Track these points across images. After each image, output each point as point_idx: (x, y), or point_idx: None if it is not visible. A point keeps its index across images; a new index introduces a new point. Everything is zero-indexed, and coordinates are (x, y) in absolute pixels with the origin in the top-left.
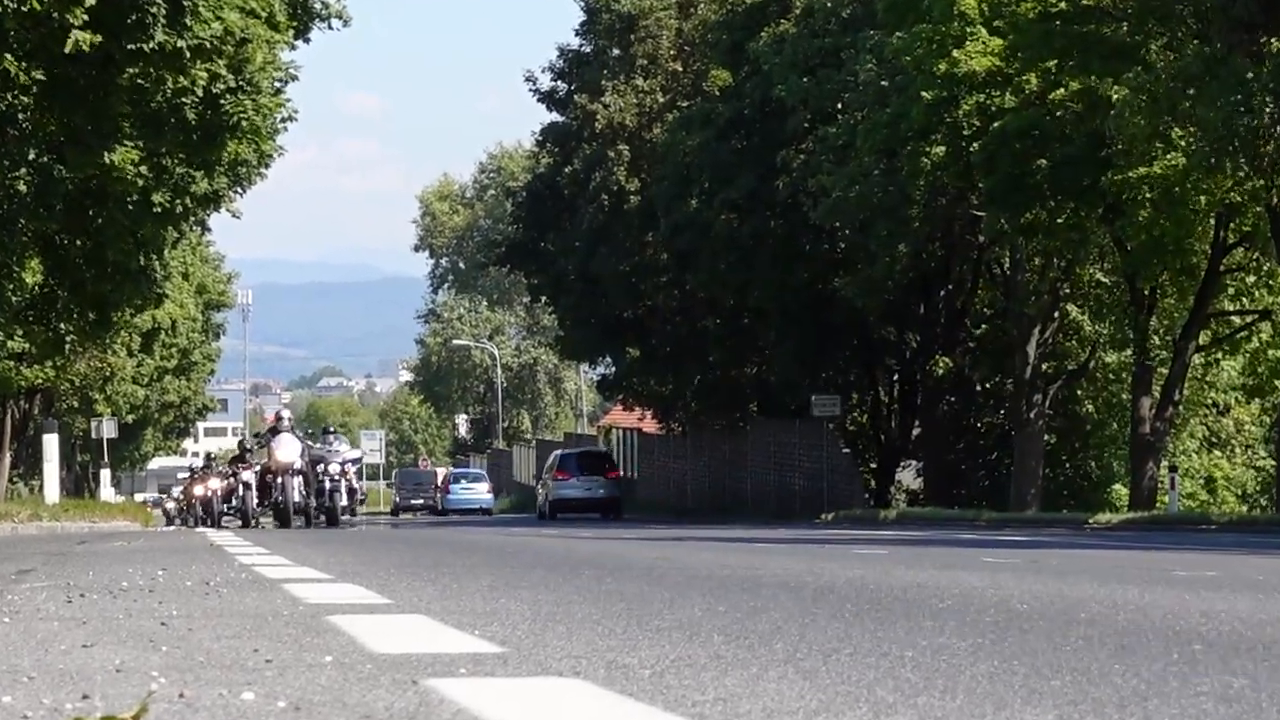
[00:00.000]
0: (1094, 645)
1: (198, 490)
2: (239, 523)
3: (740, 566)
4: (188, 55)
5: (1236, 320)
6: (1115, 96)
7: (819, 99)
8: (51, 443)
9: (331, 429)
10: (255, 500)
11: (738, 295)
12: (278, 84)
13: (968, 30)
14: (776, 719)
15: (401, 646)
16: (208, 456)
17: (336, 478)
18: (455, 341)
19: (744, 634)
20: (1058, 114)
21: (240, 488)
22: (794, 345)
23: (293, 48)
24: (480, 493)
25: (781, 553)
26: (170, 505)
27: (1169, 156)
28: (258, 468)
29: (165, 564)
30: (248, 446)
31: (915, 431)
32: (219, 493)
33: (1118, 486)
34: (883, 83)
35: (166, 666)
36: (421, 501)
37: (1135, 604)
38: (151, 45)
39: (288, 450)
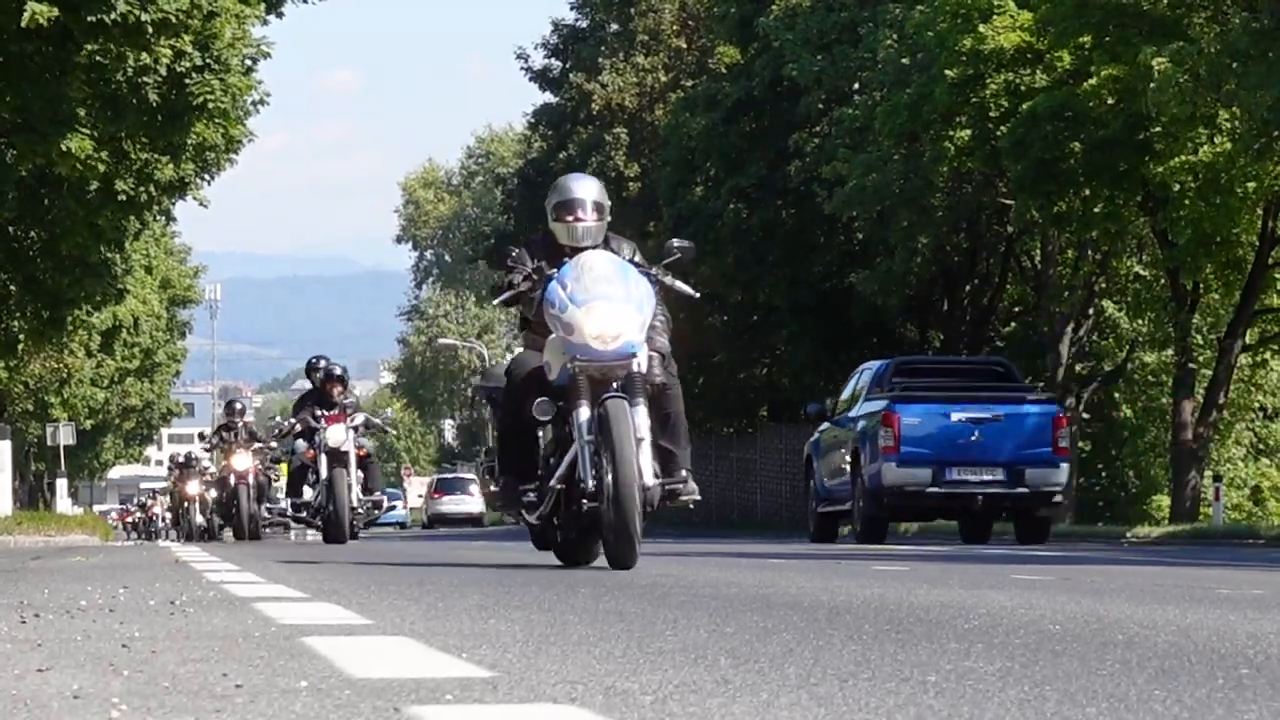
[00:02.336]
0: (1132, 669)
1: (191, 489)
2: (303, 532)
3: (749, 584)
4: (150, 30)
5: None
6: (1157, 68)
7: (834, 78)
8: (3, 450)
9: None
10: (366, 493)
11: (746, 290)
12: (248, 62)
13: (995, 3)
14: None
15: (383, 671)
16: (230, 407)
17: None
18: (441, 340)
19: (753, 657)
20: (1092, 97)
21: (323, 465)
22: (807, 345)
23: (264, 23)
24: (397, 510)
25: (794, 569)
26: (138, 514)
27: (1215, 141)
28: (360, 417)
29: (127, 581)
30: (334, 370)
31: None
32: (252, 479)
33: (1158, 497)
34: (903, 61)
35: (128, 693)
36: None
37: (1176, 625)
38: (113, 17)
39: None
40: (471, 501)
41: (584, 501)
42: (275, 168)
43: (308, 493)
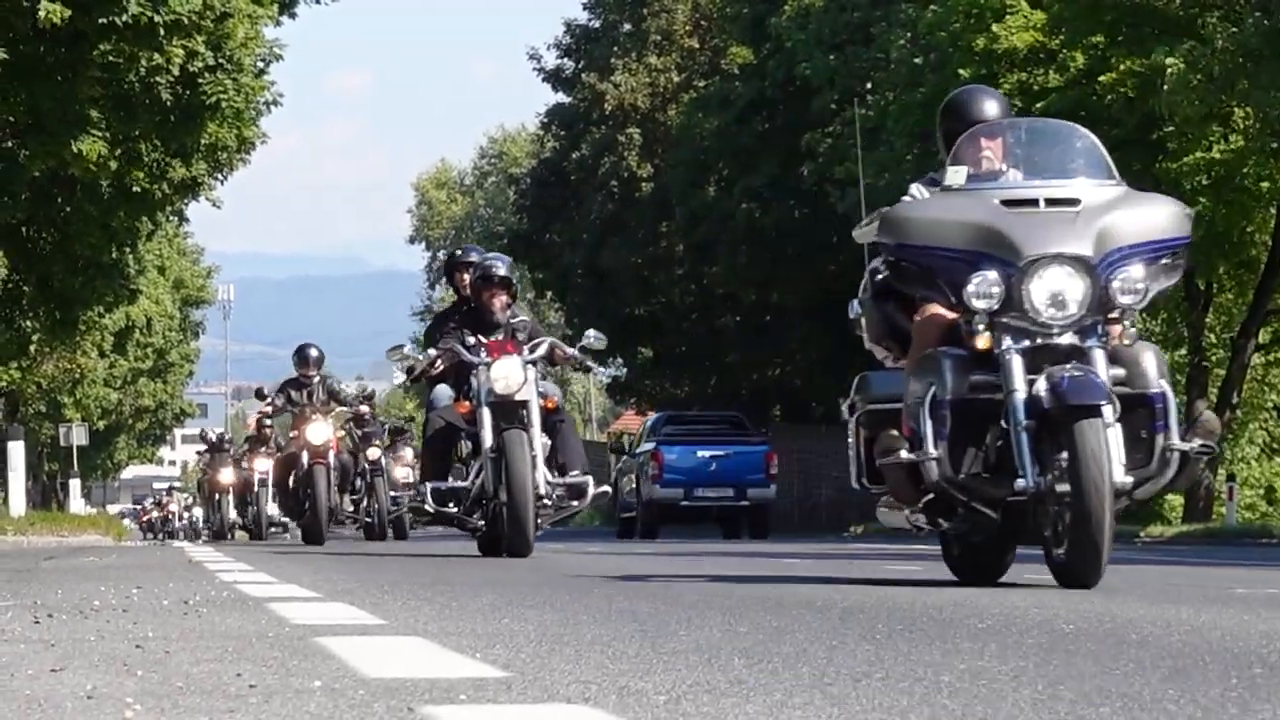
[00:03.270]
0: (1145, 669)
1: (225, 476)
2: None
3: (762, 584)
4: (162, 32)
5: None
6: (1170, 69)
7: (847, 78)
8: (17, 450)
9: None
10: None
11: (759, 291)
12: (261, 63)
13: (1008, 3)
14: None
15: (396, 671)
16: (303, 355)
17: None
18: None
19: (767, 657)
20: (1107, 96)
21: (485, 425)
22: (820, 345)
23: (277, 24)
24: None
25: (807, 569)
26: (155, 513)
27: (1229, 140)
28: (544, 345)
29: (140, 581)
30: (494, 268)
31: None
32: (333, 458)
33: (1171, 496)
34: (916, 60)
35: (142, 693)
36: None
37: (1190, 624)
38: (125, 19)
39: None
40: None
41: None
42: (287, 168)
43: (457, 473)
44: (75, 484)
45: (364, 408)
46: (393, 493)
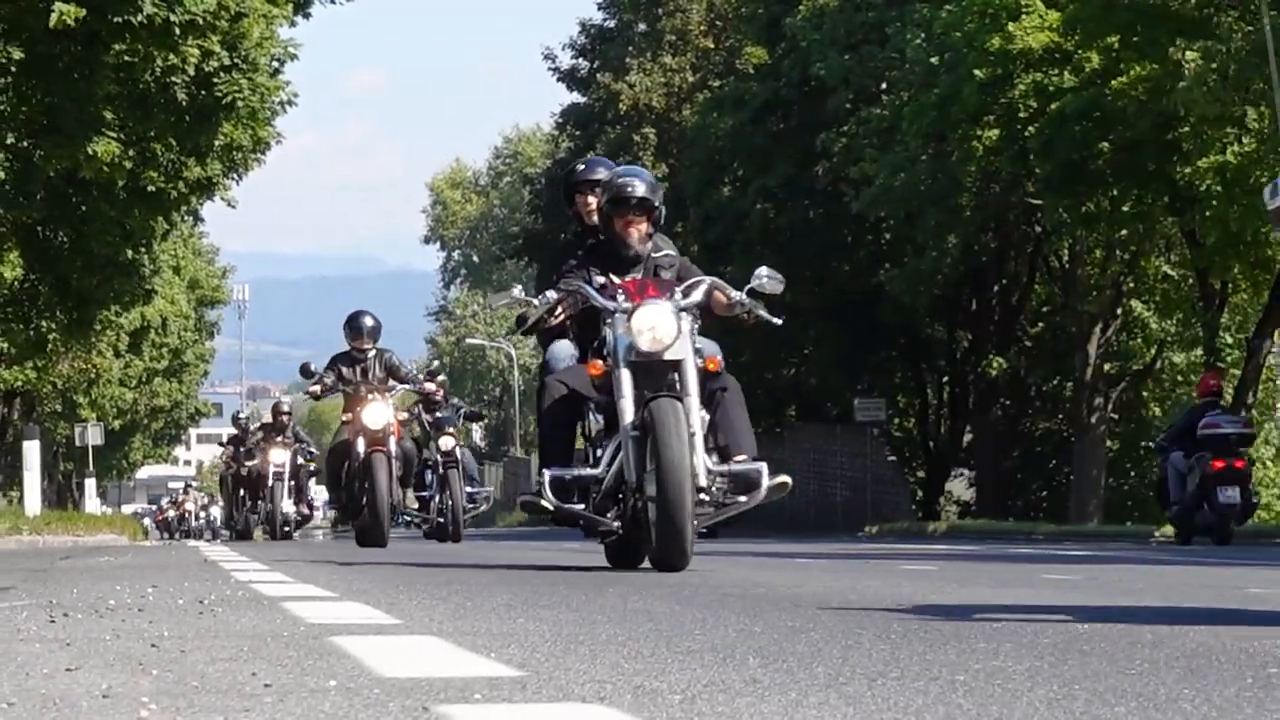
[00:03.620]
0: (1160, 668)
1: (251, 462)
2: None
3: (777, 584)
4: (178, 31)
5: None
6: (1187, 63)
7: (862, 78)
8: (32, 450)
9: None
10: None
11: None
12: (275, 63)
13: (1023, 3)
14: None
15: (411, 670)
16: (355, 325)
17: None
18: (468, 341)
19: (782, 656)
20: (1121, 97)
21: (625, 392)
22: (835, 345)
23: (292, 24)
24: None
25: (821, 569)
26: (171, 512)
27: (1243, 141)
28: (701, 287)
29: (155, 581)
30: (632, 186)
31: (966, 438)
32: (394, 445)
33: None
34: (931, 60)
35: (157, 692)
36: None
37: (1205, 624)
38: (140, 18)
39: None
40: None
41: None
42: (302, 168)
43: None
44: (90, 484)
45: (430, 385)
46: (468, 489)
